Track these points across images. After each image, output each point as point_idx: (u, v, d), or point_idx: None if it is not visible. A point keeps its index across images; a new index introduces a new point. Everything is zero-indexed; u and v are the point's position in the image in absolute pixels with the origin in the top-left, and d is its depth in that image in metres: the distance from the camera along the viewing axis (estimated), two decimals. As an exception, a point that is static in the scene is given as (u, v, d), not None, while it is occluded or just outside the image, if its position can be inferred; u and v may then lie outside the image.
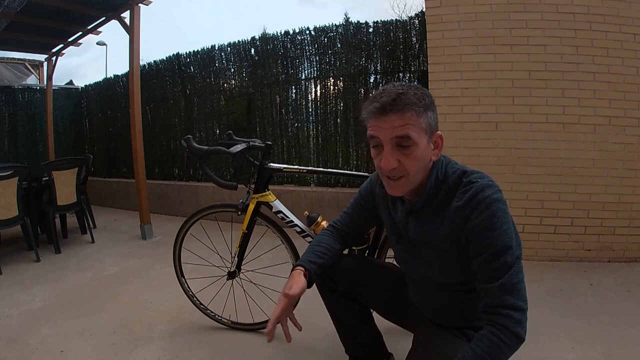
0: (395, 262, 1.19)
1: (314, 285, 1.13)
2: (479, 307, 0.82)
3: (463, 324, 0.97)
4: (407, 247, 1.00)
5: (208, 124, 4.24)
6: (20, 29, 3.72)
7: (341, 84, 3.46)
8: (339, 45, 3.39)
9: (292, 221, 1.56)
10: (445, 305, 0.99)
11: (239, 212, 1.57)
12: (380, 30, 3.23)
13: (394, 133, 0.82)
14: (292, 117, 3.67)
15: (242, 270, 1.66)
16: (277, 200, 1.59)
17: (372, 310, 1.26)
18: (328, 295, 1.21)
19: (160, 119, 4.55)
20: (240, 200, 1.58)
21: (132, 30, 3.26)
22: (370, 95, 0.88)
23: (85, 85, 5.60)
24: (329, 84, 3.51)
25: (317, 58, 3.48)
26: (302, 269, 1.03)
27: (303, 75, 3.57)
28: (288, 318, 0.96)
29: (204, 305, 1.77)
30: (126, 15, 3.34)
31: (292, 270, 1.03)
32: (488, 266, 0.80)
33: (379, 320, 1.27)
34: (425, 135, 0.85)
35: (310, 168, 1.68)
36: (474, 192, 0.83)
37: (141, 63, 3.76)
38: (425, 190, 0.90)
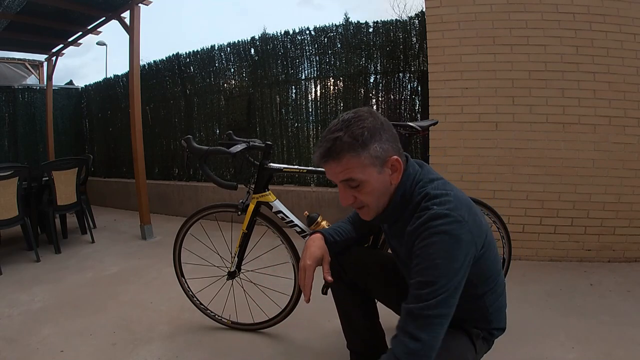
0: None
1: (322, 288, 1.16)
2: None
3: (457, 324, 0.97)
4: (394, 252, 1.05)
5: (208, 124, 4.24)
6: (20, 29, 3.72)
7: (341, 84, 3.46)
8: (339, 45, 3.39)
9: (292, 221, 1.56)
10: None
11: (239, 212, 1.57)
12: (380, 30, 3.23)
13: (338, 177, 0.86)
14: (292, 117, 3.67)
15: (242, 270, 1.66)
16: (277, 200, 1.59)
17: (377, 309, 1.26)
18: (335, 282, 1.21)
19: (160, 119, 4.55)
20: (240, 200, 1.58)
21: (132, 30, 3.26)
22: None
23: (85, 85, 5.61)
24: (329, 84, 3.51)
25: (317, 58, 3.48)
26: (322, 235, 1.09)
27: (303, 75, 3.57)
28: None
29: (204, 305, 1.77)
30: (126, 15, 3.34)
31: (312, 234, 1.11)
32: (411, 289, 0.80)
33: (382, 319, 1.27)
34: (375, 168, 0.85)
35: (310, 168, 1.68)
36: (423, 220, 0.81)
37: (141, 63, 3.76)
38: (389, 209, 0.92)
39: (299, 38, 3.50)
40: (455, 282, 0.78)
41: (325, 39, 3.42)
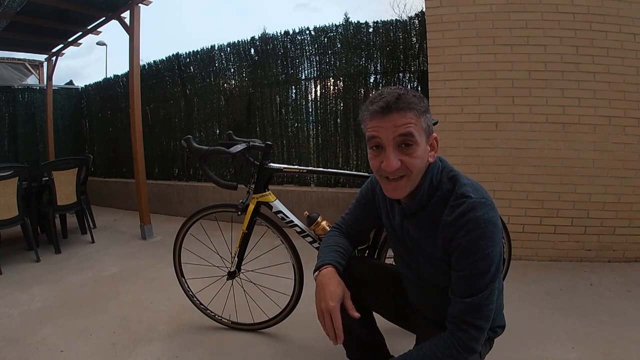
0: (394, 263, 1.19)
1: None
2: (447, 311, 0.87)
3: None
4: (405, 249, 1.01)
5: (208, 124, 4.24)
6: (20, 29, 3.72)
7: (341, 84, 3.46)
8: (339, 45, 3.39)
9: (292, 221, 1.56)
10: (444, 306, 0.99)
11: (239, 212, 1.57)
12: (380, 30, 3.23)
13: (397, 131, 0.82)
14: (292, 117, 3.67)
15: (242, 270, 1.66)
16: (277, 200, 1.59)
17: (373, 315, 1.24)
18: None
19: (160, 119, 4.55)
20: (240, 200, 1.58)
21: (132, 30, 3.26)
22: (370, 96, 0.89)
23: (85, 86, 5.60)
24: (329, 84, 3.51)
25: (317, 58, 3.48)
26: (334, 268, 1.01)
27: (303, 75, 3.57)
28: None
29: (204, 305, 1.77)
30: (126, 15, 3.34)
31: (322, 268, 1.01)
32: (463, 282, 0.84)
33: (379, 321, 1.27)
34: (424, 136, 0.85)
35: (310, 168, 1.68)
36: (464, 210, 0.82)
37: (141, 63, 3.76)
38: (418, 195, 0.90)
39: (299, 38, 3.50)
40: (499, 264, 0.84)
41: (325, 39, 3.42)
